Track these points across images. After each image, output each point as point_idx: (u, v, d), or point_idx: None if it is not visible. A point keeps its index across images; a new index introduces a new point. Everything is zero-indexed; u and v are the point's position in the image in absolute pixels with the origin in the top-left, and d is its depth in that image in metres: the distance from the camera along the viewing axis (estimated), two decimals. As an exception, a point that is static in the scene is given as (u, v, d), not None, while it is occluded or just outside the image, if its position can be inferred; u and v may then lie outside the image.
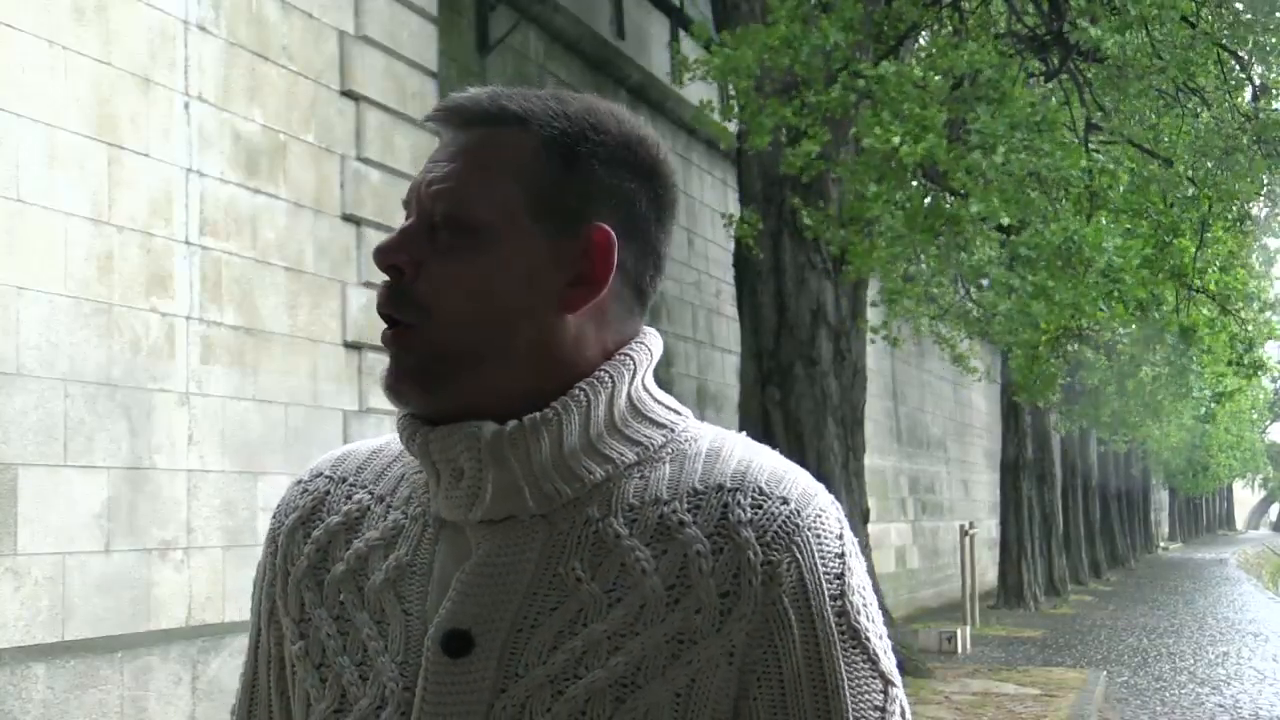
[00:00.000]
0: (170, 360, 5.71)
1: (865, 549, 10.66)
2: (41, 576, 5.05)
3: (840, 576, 1.05)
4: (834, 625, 1.04)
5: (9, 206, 5.02)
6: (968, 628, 15.49)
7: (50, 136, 5.21)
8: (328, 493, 1.18)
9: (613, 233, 1.06)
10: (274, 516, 1.21)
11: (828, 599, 1.04)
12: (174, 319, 5.74)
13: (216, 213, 6.02)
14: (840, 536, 1.07)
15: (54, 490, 5.13)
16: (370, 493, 1.15)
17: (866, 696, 1.05)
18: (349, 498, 1.16)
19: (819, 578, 1.04)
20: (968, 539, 16.89)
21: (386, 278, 1.06)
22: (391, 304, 1.06)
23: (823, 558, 1.05)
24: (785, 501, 1.05)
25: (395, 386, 1.06)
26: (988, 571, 21.63)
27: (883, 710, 1.06)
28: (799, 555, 1.04)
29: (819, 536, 1.05)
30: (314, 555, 1.15)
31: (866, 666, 1.05)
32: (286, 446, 6.30)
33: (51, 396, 5.15)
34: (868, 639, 1.06)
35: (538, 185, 1.05)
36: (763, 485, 1.06)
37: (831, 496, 1.10)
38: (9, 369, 4.97)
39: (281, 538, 1.18)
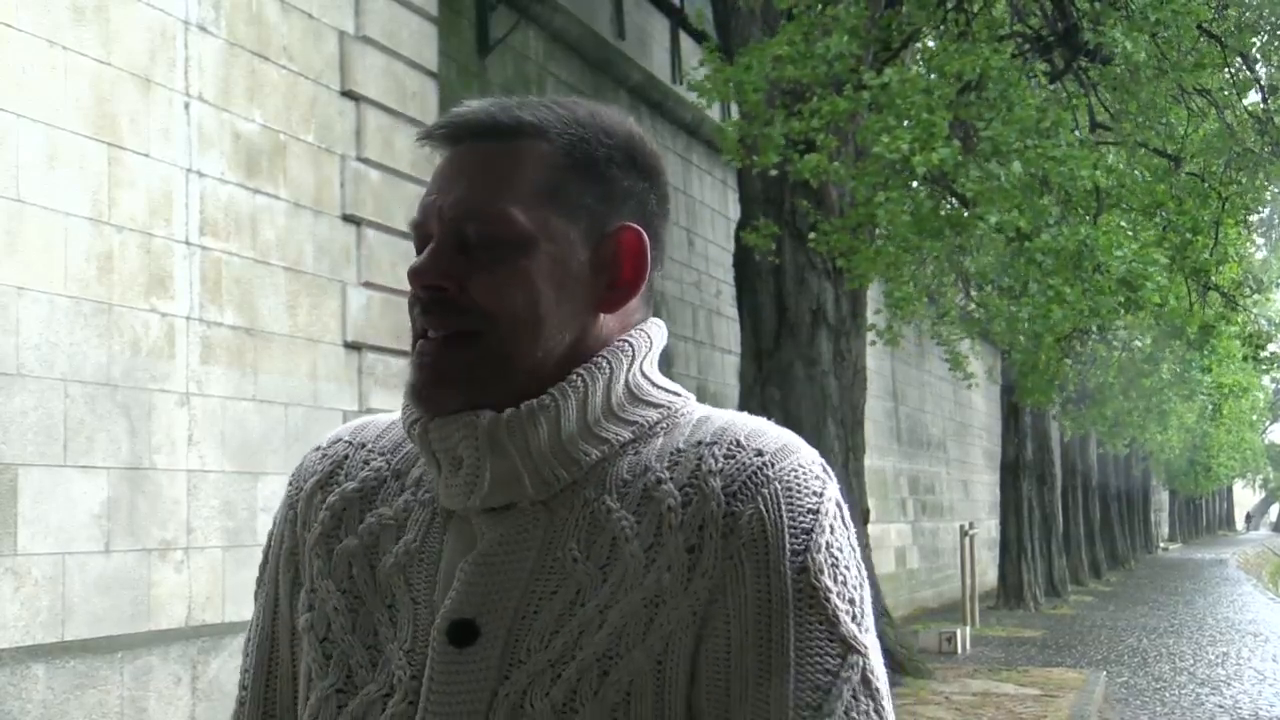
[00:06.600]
0: (170, 360, 5.71)
1: (865, 549, 10.69)
2: (41, 576, 5.04)
3: (808, 532, 1.00)
4: (790, 582, 0.99)
5: (9, 206, 5.02)
6: (968, 628, 15.48)
7: (50, 136, 5.21)
8: (346, 456, 1.17)
9: (643, 232, 1.07)
10: (291, 482, 1.20)
11: (788, 554, 0.99)
12: (174, 319, 5.74)
13: (216, 213, 6.01)
14: (819, 494, 1.02)
15: (54, 490, 5.13)
16: (387, 462, 1.15)
17: (816, 659, 0.99)
18: (366, 463, 1.15)
19: (782, 531, 1.00)
20: (968, 539, 16.88)
21: (419, 294, 1.05)
22: (444, 317, 1.04)
23: (791, 511, 1.00)
24: (760, 453, 1.02)
25: (430, 393, 1.04)
26: (988, 572, 21.61)
27: (835, 675, 0.99)
28: (763, 507, 1.00)
29: (789, 489, 1.01)
30: (328, 521, 1.14)
31: (822, 628, 0.99)
32: (286, 447, 6.30)
33: (51, 396, 5.14)
34: (827, 599, 0.99)
35: (566, 194, 1.05)
36: (740, 438, 1.04)
37: (825, 462, 1.06)
38: (9, 369, 4.97)
39: (300, 503, 1.17)
